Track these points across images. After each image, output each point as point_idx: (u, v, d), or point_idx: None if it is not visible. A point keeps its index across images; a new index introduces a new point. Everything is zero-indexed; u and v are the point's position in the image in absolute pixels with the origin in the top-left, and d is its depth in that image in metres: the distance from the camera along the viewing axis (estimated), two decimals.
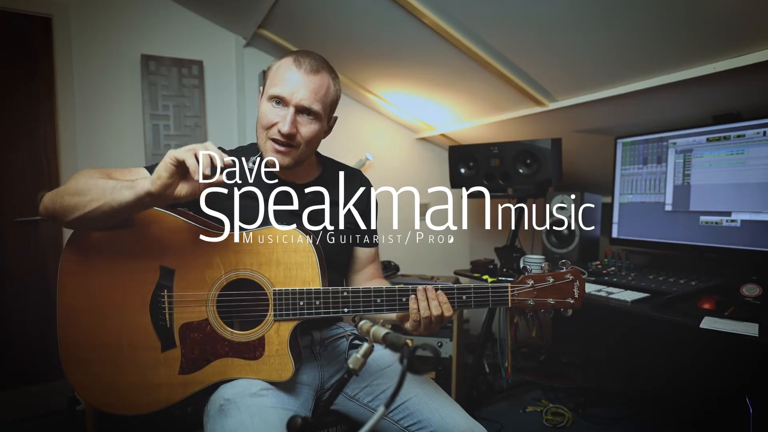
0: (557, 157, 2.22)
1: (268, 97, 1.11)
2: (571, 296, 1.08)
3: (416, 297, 1.04)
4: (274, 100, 1.10)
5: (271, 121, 1.10)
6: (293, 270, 1.04)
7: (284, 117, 1.09)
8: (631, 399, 2.41)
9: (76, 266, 1.05)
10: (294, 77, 1.09)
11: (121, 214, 0.95)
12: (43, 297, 2.37)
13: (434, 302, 1.04)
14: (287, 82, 1.09)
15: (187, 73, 2.59)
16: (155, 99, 2.52)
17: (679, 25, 1.48)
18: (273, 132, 1.10)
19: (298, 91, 1.08)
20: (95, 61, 2.45)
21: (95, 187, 0.93)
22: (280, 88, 1.09)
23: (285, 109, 1.09)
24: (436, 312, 1.03)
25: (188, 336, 1.04)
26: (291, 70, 1.09)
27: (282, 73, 1.10)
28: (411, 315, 1.04)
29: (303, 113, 1.11)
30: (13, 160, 2.31)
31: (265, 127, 1.11)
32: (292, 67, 1.10)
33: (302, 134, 1.11)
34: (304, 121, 1.11)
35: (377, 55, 2.37)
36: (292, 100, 1.08)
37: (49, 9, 2.32)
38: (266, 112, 1.11)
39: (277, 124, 1.09)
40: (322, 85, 1.12)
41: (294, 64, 1.10)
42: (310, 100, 1.09)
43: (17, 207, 2.33)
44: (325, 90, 1.12)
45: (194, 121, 2.62)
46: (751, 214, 1.65)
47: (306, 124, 1.12)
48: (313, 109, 1.10)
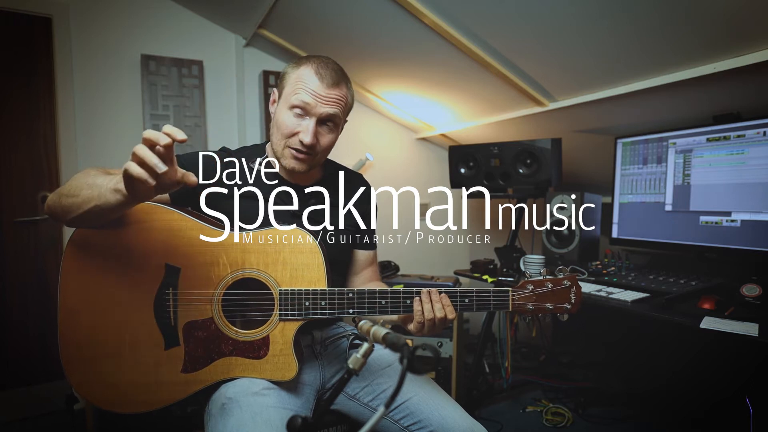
0: (557, 157, 2.22)
1: (290, 105, 1.12)
2: (567, 302, 1.12)
3: (420, 299, 1.05)
4: (295, 109, 1.12)
5: (293, 130, 1.12)
6: (300, 270, 1.05)
7: (306, 128, 1.11)
8: (631, 399, 2.41)
9: (78, 264, 1.04)
10: (316, 89, 1.11)
11: (114, 214, 0.95)
12: (43, 297, 2.37)
13: (438, 305, 1.05)
14: (310, 94, 1.11)
15: (187, 73, 2.59)
16: (155, 99, 2.52)
17: (679, 25, 1.48)
18: (293, 141, 1.13)
19: (320, 105, 1.11)
20: (95, 61, 2.45)
21: (87, 188, 0.92)
22: (302, 100, 1.10)
23: (306, 120, 1.12)
24: (440, 315, 1.05)
25: (192, 334, 1.04)
26: (313, 82, 1.11)
27: (304, 84, 1.11)
28: (415, 317, 1.06)
29: (324, 124, 1.14)
30: (13, 160, 2.31)
31: (285, 135, 1.14)
32: (314, 78, 1.11)
33: (321, 144, 1.15)
34: (323, 131, 1.15)
35: (377, 55, 2.37)
36: (314, 113, 1.11)
37: (49, 9, 2.32)
38: (286, 121, 1.13)
39: (299, 134, 1.12)
40: (342, 96, 1.15)
41: (316, 76, 1.11)
42: (332, 112, 1.13)
43: (17, 207, 2.33)
44: (344, 102, 1.17)
45: (194, 121, 2.62)
46: (751, 214, 1.65)
47: (325, 134, 1.16)
48: (335, 121, 1.15)
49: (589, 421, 2.26)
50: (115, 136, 2.51)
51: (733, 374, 1.91)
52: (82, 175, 0.97)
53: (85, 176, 0.96)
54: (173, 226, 1.05)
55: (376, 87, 2.79)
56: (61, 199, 0.96)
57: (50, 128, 2.37)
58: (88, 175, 0.96)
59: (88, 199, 0.91)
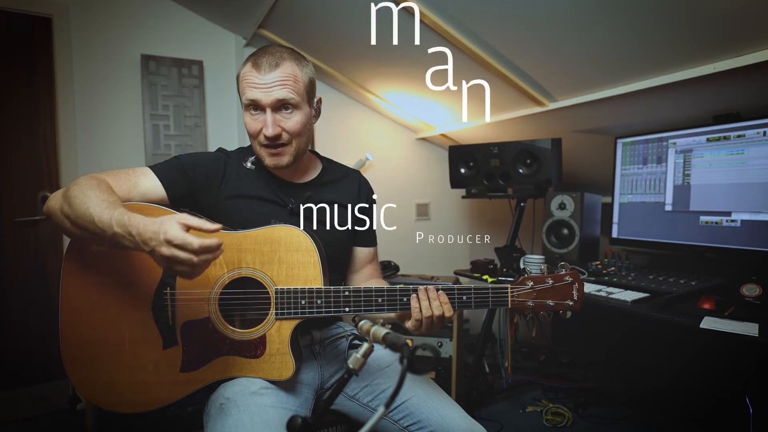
0: (557, 157, 2.22)
1: (244, 106, 1.13)
2: (570, 298, 1.09)
3: (418, 297, 1.05)
4: (250, 108, 1.12)
5: (256, 129, 1.13)
6: (295, 269, 1.05)
7: (264, 121, 1.11)
8: (631, 399, 2.41)
9: (78, 265, 1.05)
10: (257, 81, 1.09)
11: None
12: (43, 297, 2.37)
13: (435, 302, 1.04)
14: (253, 88, 1.10)
15: (187, 73, 2.59)
16: (155, 99, 2.52)
17: (679, 25, 1.48)
18: (261, 139, 1.13)
19: (265, 93, 1.09)
20: (95, 61, 2.45)
21: (81, 218, 0.93)
22: (249, 97, 1.10)
23: (263, 114, 1.11)
24: (437, 312, 1.04)
25: (190, 334, 1.04)
26: (253, 74, 1.10)
27: (248, 80, 1.11)
28: (413, 314, 1.05)
29: (280, 110, 1.12)
30: (13, 160, 2.31)
31: (253, 136, 1.14)
32: (252, 71, 1.10)
33: (288, 129, 1.13)
34: (284, 116, 1.12)
35: (377, 55, 2.37)
36: (264, 103, 1.10)
37: (49, 9, 2.32)
38: (248, 122, 1.14)
39: (262, 130, 1.12)
40: (288, 75, 1.10)
41: (254, 68, 1.10)
42: (280, 96, 1.09)
43: (17, 207, 2.33)
44: (292, 79, 1.11)
45: (194, 121, 2.62)
46: (751, 214, 1.65)
47: (288, 119, 1.12)
48: (289, 102, 1.11)
49: (589, 421, 2.26)
50: (115, 136, 2.51)
51: (733, 374, 1.91)
52: (80, 196, 0.94)
53: (83, 197, 0.94)
54: None
55: (376, 87, 2.79)
56: (58, 215, 0.98)
57: (50, 128, 2.37)
58: (87, 198, 0.93)
59: (81, 230, 0.94)
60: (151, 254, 0.86)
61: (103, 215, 0.89)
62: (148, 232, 0.84)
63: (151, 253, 0.86)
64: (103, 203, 0.92)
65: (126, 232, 0.86)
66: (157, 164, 1.13)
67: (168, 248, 0.82)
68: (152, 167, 1.12)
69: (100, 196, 0.94)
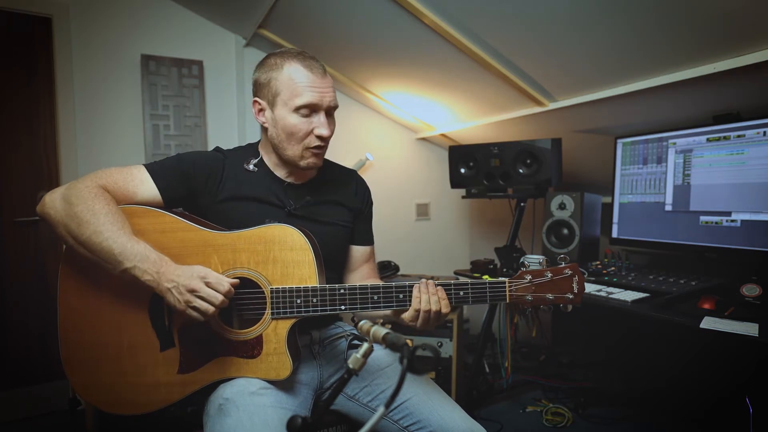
0: (557, 157, 2.22)
1: (294, 108, 1.11)
2: (570, 291, 1.05)
3: (419, 288, 1.04)
4: (302, 110, 1.11)
5: (306, 130, 1.13)
6: (290, 268, 1.04)
7: (320, 122, 1.13)
8: (631, 399, 2.41)
9: (76, 267, 1.05)
10: (314, 83, 1.11)
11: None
12: (43, 297, 2.37)
13: (434, 297, 1.04)
14: (312, 89, 1.11)
15: (187, 73, 2.59)
16: (155, 99, 2.52)
17: (678, 25, 1.48)
18: (311, 140, 1.14)
19: (324, 95, 1.13)
20: (95, 61, 2.45)
21: (93, 247, 0.96)
22: (308, 97, 1.11)
23: (317, 115, 1.13)
24: (435, 307, 1.03)
25: (187, 335, 1.04)
26: (308, 78, 1.11)
27: (304, 83, 1.11)
28: (413, 303, 1.04)
29: (330, 114, 1.17)
30: (13, 160, 2.31)
31: (302, 137, 1.13)
32: (307, 73, 1.11)
33: (331, 133, 1.18)
34: (330, 121, 1.17)
35: (377, 55, 2.37)
36: (323, 105, 1.13)
37: (49, 9, 2.32)
38: (298, 125, 1.12)
39: (313, 132, 1.13)
40: (332, 83, 1.17)
41: (307, 70, 1.12)
42: (333, 100, 1.15)
43: (17, 207, 2.33)
44: (334, 88, 1.18)
45: (194, 121, 2.62)
46: (751, 214, 1.65)
47: (332, 124, 1.19)
48: (335, 108, 1.18)
49: (589, 421, 2.26)
50: (115, 136, 2.51)
51: (733, 374, 1.90)
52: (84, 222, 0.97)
53: (87, 225, 0.96)
54: (165, 228, 1.05)
55: (376, 87, 2.79)
56: (60, 229, 0.99)
57: (50, 128, 2.37)
58: (89, 224, 0.96)
59: (86, 253, 0.98)
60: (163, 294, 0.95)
61: (125, 249, 0.96)
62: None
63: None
64: (123, 235, 0.97)
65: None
66: (156, 163, 1.13)
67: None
68: (149, 166, 1.11)
69: (115, 224, 0.98)
